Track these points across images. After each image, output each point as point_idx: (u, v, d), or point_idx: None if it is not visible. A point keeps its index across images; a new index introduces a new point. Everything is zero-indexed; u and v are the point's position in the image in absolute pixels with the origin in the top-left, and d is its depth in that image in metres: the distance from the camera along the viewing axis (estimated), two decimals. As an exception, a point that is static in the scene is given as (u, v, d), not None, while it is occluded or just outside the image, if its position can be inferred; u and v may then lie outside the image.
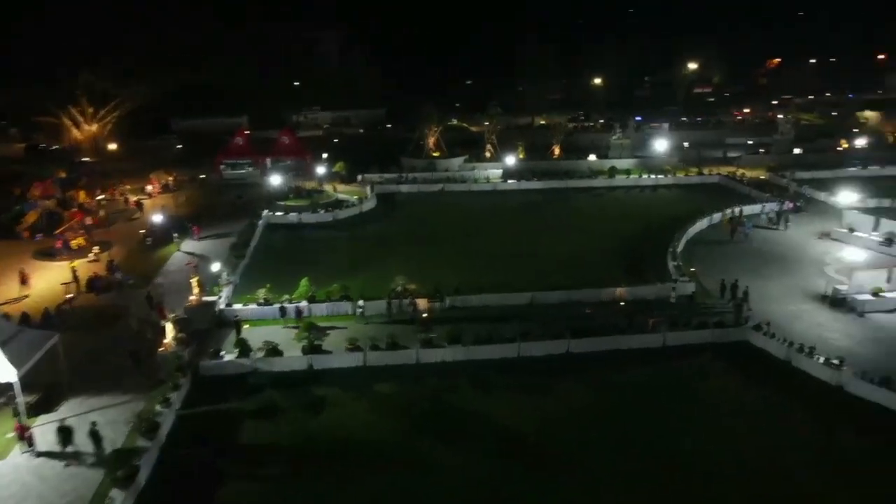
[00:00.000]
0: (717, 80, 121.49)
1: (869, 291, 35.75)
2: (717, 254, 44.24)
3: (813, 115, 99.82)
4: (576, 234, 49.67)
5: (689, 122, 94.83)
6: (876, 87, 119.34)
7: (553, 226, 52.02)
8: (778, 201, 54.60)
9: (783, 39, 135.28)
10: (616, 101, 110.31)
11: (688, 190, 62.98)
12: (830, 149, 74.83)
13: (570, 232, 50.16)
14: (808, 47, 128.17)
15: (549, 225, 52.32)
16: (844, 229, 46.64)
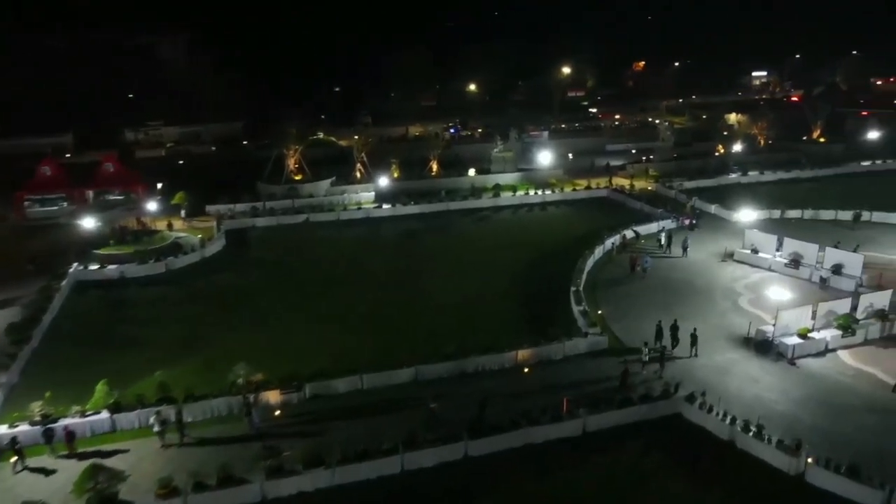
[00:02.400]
0: (590, 84, 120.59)
1: (795, 333, 31.48)
2: (620, 293, 38.69)
3: (684, 119, 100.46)
4: (464, 272, 42.62)
5: (568, 128, 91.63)
6: (735, 88, 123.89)
7: (437, 262, 44.68)
8: (674, 217, 50.81)
9: (646, 41, 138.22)
10: (490, 105, 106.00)
11: (577, 207, 58.16)
12: (709, 154, 73.61)
13: (458, 270, 43.01)
14: (671, 49, 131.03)
15: (432, 261, 44.93)
16: (747, 250, 43.11)
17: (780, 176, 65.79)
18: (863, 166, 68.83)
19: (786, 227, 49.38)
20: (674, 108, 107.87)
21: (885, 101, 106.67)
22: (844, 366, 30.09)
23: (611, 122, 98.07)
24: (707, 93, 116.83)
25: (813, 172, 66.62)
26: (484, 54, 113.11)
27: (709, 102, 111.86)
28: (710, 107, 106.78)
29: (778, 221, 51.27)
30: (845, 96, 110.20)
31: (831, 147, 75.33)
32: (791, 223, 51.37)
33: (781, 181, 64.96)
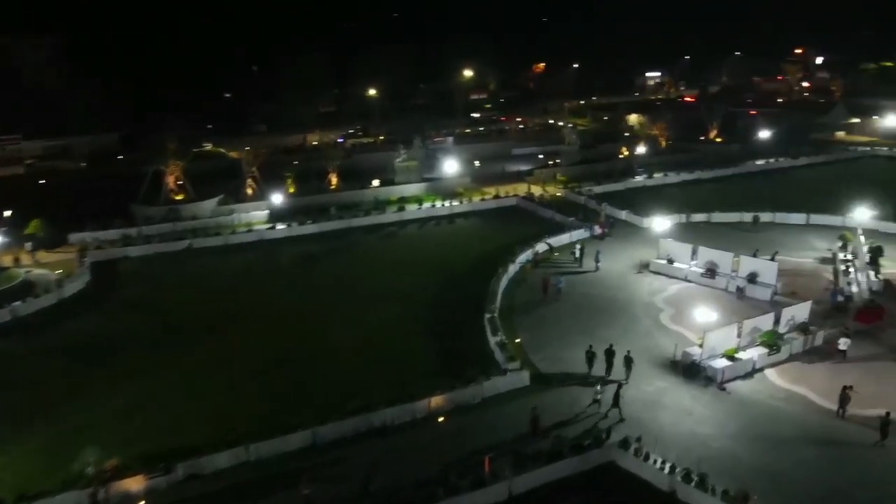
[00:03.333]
0: (492, 87, 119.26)
1: (722, 354, 29.73)
2: (537, 317, 35.82)
3: (587, 120, 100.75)
4: (368, 301, 38.46)
5: (473, 133, 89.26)
6: (632, 89, 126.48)
7: (339, 291, 40.23)
8: (586, 227, 48.95)
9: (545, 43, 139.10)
10: (393, 110, 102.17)
11: (486, 218, 55.32)
12: (614, 156, 73.15)
13: (362, 299, 38.80)
14: (570, 50, 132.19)
15: (333, 290, 40.44)
16: (663, 260, 41.63)
17: (684, 177, 66.04)
18: (758, 165, 70.49)
19: (694, 231, 48.76)
20: (576, 110, 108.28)
21: (768, 100, 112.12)
22: (774, 387, 28.55)
23: (515, 125, 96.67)
24: (606, 93, 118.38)
25: (713, 173, 67.37)
26: (384, 57, 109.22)
27: (609, 103, 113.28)
28: (610, 108, 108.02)
29: (686, 226, 50.50)
30: (734, 96, 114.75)
31: (728, 147, 76.97)
32: (699, 227, 50.85)
33: (685, 182, 65.18)
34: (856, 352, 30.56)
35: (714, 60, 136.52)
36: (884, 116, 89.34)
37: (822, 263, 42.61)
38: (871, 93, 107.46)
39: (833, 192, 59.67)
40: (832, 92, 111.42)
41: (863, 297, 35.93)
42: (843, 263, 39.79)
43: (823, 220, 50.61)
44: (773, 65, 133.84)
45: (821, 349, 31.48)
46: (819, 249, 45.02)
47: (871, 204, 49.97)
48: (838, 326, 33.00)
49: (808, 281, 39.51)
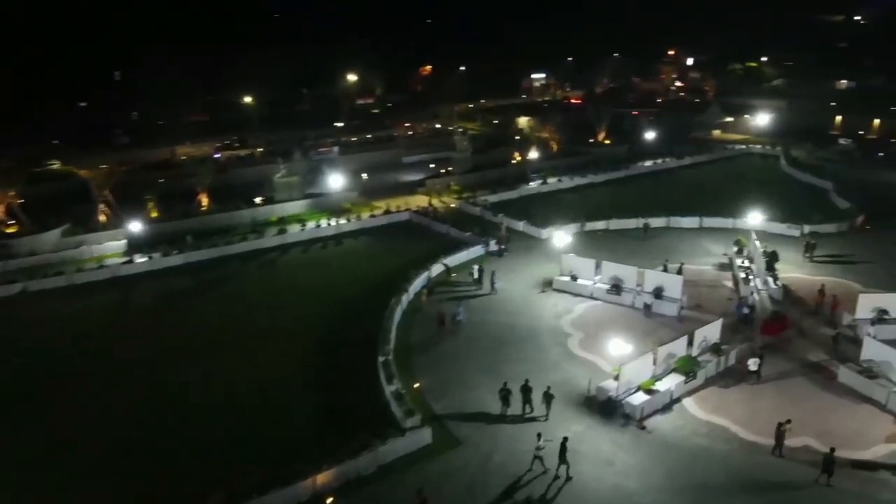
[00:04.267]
0: (378, 91, 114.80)
1: (639, 387, 27.31)
2: (437, 354, 32.13)
3: (477, 124, 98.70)
4: (243, 348, 33.20)
5: (360, 141, 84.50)
6: (519, 91, 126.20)
7: (208, 337, 34.52)
8: (483, 242, 45.90)
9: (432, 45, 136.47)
10: (274, 118, 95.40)
11: (377, 236, 50.98)
12: (507, 162, 71.07)
13: (235, 346, 33.44)
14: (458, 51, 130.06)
15: (201, 337, 34.62)
16: (566, 277, 39.24)
17: (578, 181, 64.91)
18: (646, 166, 70.83)
19: (592, 241, 47.17)
20: (465, 114, 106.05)
21: (648, 101, 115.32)
22: (695, 421, 26.40)
23: (405, 131, 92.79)
24: (494, 96, 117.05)
25: (606, 175, 66.80)
26: (263, 61, 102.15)
27: (498, 106, 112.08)
28: (499, 111, 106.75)
29: (584, 236, 48.71)
30: (617, 96, 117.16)
31: (617, 149, 77.16)
32: (597, 236, 49.31)
33: (579, 187, 64.03)
34: (767, 369, 29.20)
35: (595, 61, 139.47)
36: (754, 115, 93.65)
37: (721, 270, 41.92)
38: (739, 92, 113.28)
39: (720, 191, 60.74)
40: (706, 92, 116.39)
41: (766, 308, 35.05)
42: (743, 271, 39.03)
43: (716, 222, 50.47)
44: (650, 65, 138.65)
45: (734, 369, 29.93)
46: (715, 255, 44.49)
47: (756, 204, 50.57)
48: (747, 342, 31.86)
49: (710, 291, 38.48)
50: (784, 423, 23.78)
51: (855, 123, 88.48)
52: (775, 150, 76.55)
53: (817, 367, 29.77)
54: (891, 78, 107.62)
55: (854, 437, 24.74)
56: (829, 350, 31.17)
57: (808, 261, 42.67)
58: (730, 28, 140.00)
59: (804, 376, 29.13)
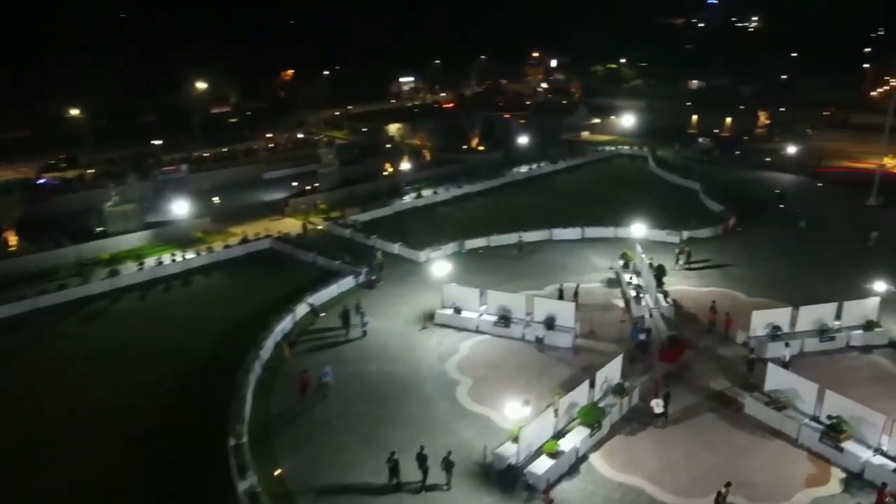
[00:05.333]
0: (234, 99, 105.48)
1: (541, 451, 23.53)
2: (303, 426, 26.33)
3: (344, 133, 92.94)
4: (52, 438, 25.89)
5: (214, 156, 76.01)
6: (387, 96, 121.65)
7: (9, 431, 26.83)
8: (354, 274, 40.70)
9: (290, 47, 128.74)
10: (112, 133, 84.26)
11: (232, 272, 44.09)
12: (378, 174, 66.18)
13: (41, 435, 26.03)
14: (321, 57, 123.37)
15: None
16: (448, 310, 35.08)
17: (454, 193, 61.29)
18: (522, 173, 68.76)
19: (473, 262, 43.56)
20: (332, 121, 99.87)
21: (517, 103, 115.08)
22: (606, 484, 23.00)
23: (266, 142, 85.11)
24: (362, 102, 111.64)
25: (482, 185, 63.74)
26: (100, 66, 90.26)
27: (366, 112, 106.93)
28: (368, 117, 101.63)
29: (464, 257, 44.97)
30: (486, 100, 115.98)
31: (491, 155, 74.72)
32: (478, 254, 45.80)
33: (455, 199, 60.42)
34: (672, 405, 26.49)
35: (463, 64, 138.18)
36: (619, 116, 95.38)
37: (610, 287, 39.67)
38: (603, 93, 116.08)
39: (597, 197, 59.76)
40: (572, 93, 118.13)
41: (661, 330, 32.84)
42: (633, 288, 36.83)
43: (597, 232, 48.62)
44: (516, 67, 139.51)
45: (639, 408, 27.07)
46: (602, 269, 42.33)
47: (634, 210, 49.56)
48: (648, 373, 29.33)
49: (601, 313, 35.85)
50: (724, 488, 20.84)
51: (710, 122, 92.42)
52: (643, 150, 77.56)
53: (723, 399, 27.61)
54: (735, 78, 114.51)
55: (775, 486, 22.43)
56: (731, 374, 29.29)
57: (682, 269, 41.45)
58: (588, 30, 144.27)
59: (712, 411, 26.79)
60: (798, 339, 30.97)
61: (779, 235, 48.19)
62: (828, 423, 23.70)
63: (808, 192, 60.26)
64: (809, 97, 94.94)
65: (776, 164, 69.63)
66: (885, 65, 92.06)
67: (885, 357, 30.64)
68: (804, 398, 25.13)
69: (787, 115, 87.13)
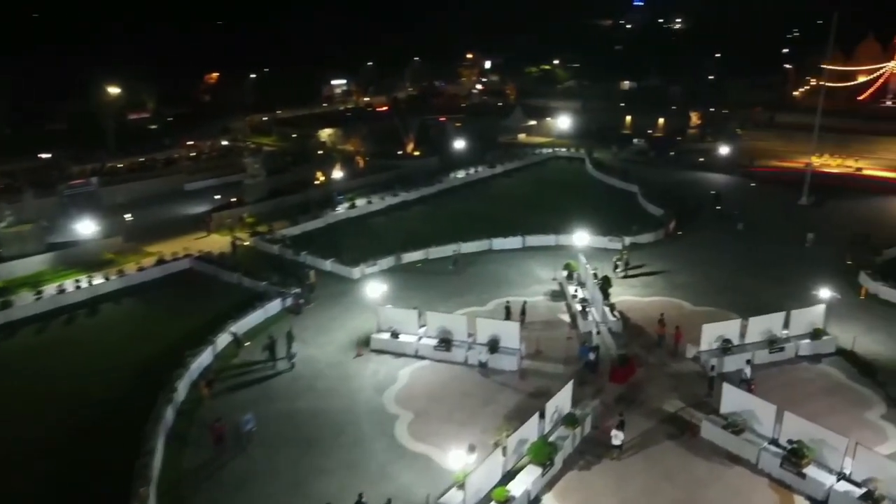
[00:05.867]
0: (151, 104, 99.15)
1: (491, 499, 21.30)
2: (226, 485, 23.22)
3: (273, 139, 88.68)
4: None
5: (130, 167, 70.68)
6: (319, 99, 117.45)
7: None
8: (282, 296, 37.51)
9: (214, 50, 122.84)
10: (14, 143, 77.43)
11: (146, 297, 40.06)
12: (309, 184, 62.75)
13: None
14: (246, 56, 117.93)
15: None
16: (385, 334, 32.50)
17: (389, 202, 58.64)
18: (459, 178, 66.72)
19: (411, 278, 41.14)
20: (260, 127, 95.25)
21: (453, 106, 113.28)
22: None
23: (187, 151, 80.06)
24: (292, 106, 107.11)
25: (418, 192, 61.28)
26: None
27: (295, 116, 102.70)
28: (298, 122, 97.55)
29: (401, 272, 42.52)
30: (421, 102, 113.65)
31: (427, 160, 72.46)
32: (416, 268, 43.41)
33: (391, 208, 57.77)
34: (626, 431, 24.74)
35: (396, 65, 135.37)
36: (555, 117, 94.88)
37: (554, 300, 37.95)
38: (537, 94, 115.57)
39: (536, 201, 58.44)
40: (507, 95, 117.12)
41: (610, 348, 31.29)
42: (580, 303, 35.20)
43: (539, 241, 46.95)
44: (451, 69, 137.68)
45: (591, 438, 25.26)
46: (545, 281, 40.61)
47: (575, 216, 48.50)
48: (599, 395, 27.65)
49: (547, 330, 34.01)
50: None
51: (643, 123, 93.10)
52: (580, 152, 77.00)
53: (678, 422, 26.11)
54: (665, 78, 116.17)
55: (739, 521, 20.99)
56: (684, 393, 27.92)
57: (621, 276, 40.24)
58: (520, 30, 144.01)
59: (668, 437, 25.21)
60: (748, 352, 29.91)
61: (718, 238, 47.85)
62: (788, 447, 22.43)
63: (742, 193, 60.68)
64: (737, 97, 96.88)
65: (710, 165, 70.21)
66: (805, 65, 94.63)
67: (834, 366, 29.99)
68: (762, 420, 23.87)
69: (718, 116, 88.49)
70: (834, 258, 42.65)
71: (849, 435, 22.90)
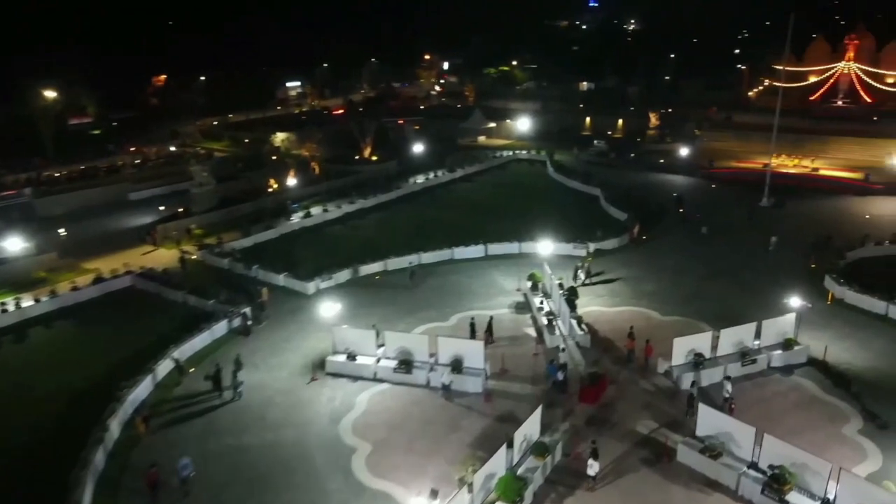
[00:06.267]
0: (91, 109, 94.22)
1: (457, 541, 19.54)
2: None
3: (224, 144, 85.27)
4: None
5: (69, 175, 66.65)
6: (273, 102, 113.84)
7: None
8: (229, 315, 35.00)
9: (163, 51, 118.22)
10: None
11: (82, 319, 36.91)
12: (262, 192, 59.97)
13: None
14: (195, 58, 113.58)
15: None
16: (341, 356, 30.41)
17: (345, 210, 56.35)
18: (419, 184, 64.78)
19: (370, 293, 39.10)
20: (211, 132, 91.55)
21: (411, 108, 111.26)
22: (535, 577, 19.39)
23: (132, 158, 76.15)
24: (245, 109, 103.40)
25: (376, 199, 59.14)
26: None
27: (249, 120, 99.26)
28: (250, 126, 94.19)
29: (359, 285, 40.44)
30: (379, 104, 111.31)
31: (385, 165, 70.36)
32: (375, 281, 41.38)
33: (348, 217, 55.51)
34: (600, 458, 23.20)
35: (353, 67, 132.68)
36: (515, 119, 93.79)
37: (519, 312, 36.40)
38: (496, 95, 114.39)
39: (498, 207, 57.06)
40: (466, 96, 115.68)
41: (578, 364, 29.89)
42: (546, 317, 33.70)
43: (501, 248, 45.41)
44: (409, 70, 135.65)
45: (562, 466, 23.70)
46: (509, 292, 39.04)
47: (538, 221, 47.32)
48: (570, 418, 26.15)
49: (513, 346, 32.41)
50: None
51: (602, 124, 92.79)
52: (540, 154, 75.97)
53: (652, 444, 24.74)
54: (622, 79, 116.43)
55: (722, 556, 19.67)
56: (656, 412, 26.64)
57: (583, 285, 38.98)
58: (477, 31, 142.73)
59: (643, 462, 23.78)
60: (721, 365, 28.86)
61: (682, 243, 47.09)
62: (770, 473, 21.24)
63: (703, 194, 60.33)
64: (693, 97, 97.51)
65: (670, 166, 69.94)
66: (759, 66, 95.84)
67: (807, 378, 29.14)
68: (741, 443, 22.66)
69: (676, 116, 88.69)
70: (798, 262, 42.27)
71: (827, 453, 22.03)
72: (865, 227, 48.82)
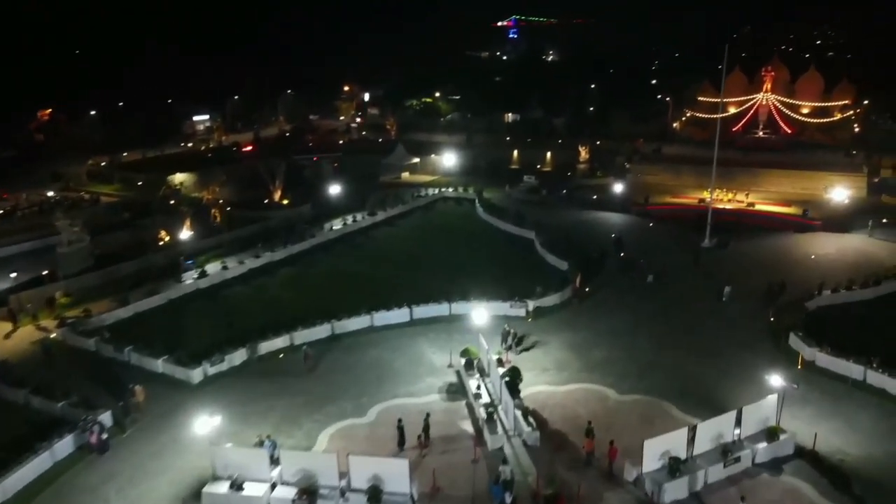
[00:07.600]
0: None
1: None
2: None
3: (115, 187, 75.66)
4: None
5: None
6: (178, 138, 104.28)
7: None
8: (78, 431, 26.95)
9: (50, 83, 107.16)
10: None
11: None
12: (150, 246, 51.60)
13: None
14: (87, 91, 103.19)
15: None
16: (224, 485, 23.19)
17: (249, 265, 48.78)
18: (335, 231, 57.89)
19: (270, 381, 31.99)
20: (100, 173, 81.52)
21: (330, 143, 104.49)
22: None
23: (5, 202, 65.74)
24: (142, 146, 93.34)
25: (286, 251, 51.79)
26: None
27: (144, 159, 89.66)
28: (147, 166, 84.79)
29: (257, 371, 33.24)
30: (294, 139, 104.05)
31: (298, 210, 63.17)
32: (278, 362, 34.27)
33: (252, 274, 47.96)
34: None
35: (268, 98, 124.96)
36: (440, 153, 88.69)
37: (452, 398, 30.24)
38: (419, 128, 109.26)
39: (424, 257, 50.95)
40: (388, 129, 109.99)
41: (527, 474, 23.90)
42: (485, 408, 27.62)
43: (430, 311, 39.23)
44: (327, 103, 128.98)
45: None
46: (439, 370, 32.86)
47: (469, 274, 41.78)
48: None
49: (447, 451, 26.11)
50: None
51: (531, 157, 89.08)
52: (468, 192, 70.83)
53: None
54: (548, 110, 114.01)
55: None
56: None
57: (513, 353, 33.51)
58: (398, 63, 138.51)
59: None
60: (701, 469, 23.61)
61: (628, 297, 42.26)
62: None
63: (641, 233, 56.45)
64: (620, 129, 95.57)
65: (604, 203, 66.14)
66: (682, 96, 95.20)
67: (800, 476, 24.26)
68: None
69: (606, 149, 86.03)
70: (755, 315, 38.28)
71: None
72: (814, 269, 45.86)
